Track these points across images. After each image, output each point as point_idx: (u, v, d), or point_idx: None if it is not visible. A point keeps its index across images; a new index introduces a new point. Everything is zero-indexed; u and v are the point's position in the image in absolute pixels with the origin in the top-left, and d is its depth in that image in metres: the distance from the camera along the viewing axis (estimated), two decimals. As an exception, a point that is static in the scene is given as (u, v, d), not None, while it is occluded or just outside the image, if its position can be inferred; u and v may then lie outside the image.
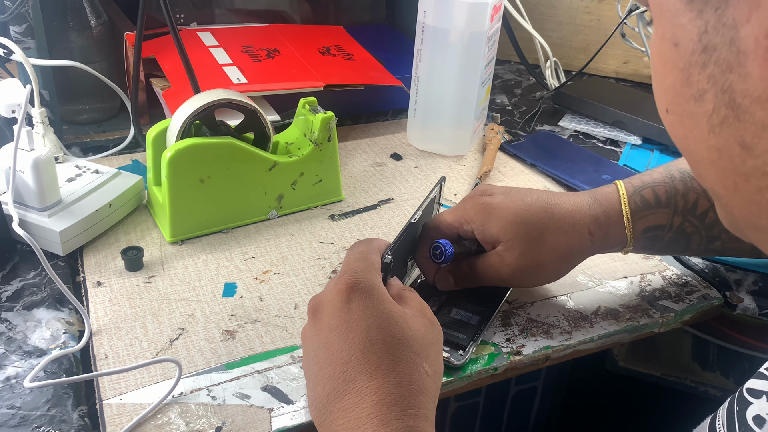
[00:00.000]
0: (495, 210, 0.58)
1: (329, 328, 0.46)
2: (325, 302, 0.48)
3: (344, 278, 0.48)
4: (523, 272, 0.59)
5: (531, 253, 0.58)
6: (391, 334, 0.46)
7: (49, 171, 0.62)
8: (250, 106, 0.67)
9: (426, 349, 0.47)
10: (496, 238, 0.58)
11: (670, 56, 0.31)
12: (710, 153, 0.31)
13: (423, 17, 0.80)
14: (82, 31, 0.81)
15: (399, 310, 0.48)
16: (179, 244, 0.67)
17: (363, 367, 0.44)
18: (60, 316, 0.58)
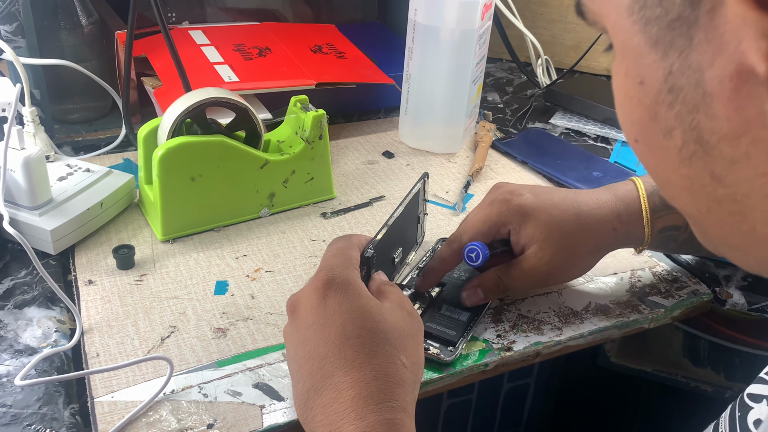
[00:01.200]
0: (531, 211, 0.59)
1: (306, 325, 0.47)
2: (302, 300, 0.48)
3: (321, 275, 0.48)
4: (558, 271, 0.60)
5: (564, 252, 0.59)
6: (366, 328, 0.46)
7: (40, 170, 0.62)
8: (241, 104, 0.67)
9: (403, 342, 0.47)
10: (531, 239, 0.59)
11: (636, 93, 0.31)
12: (683, 181, 0.32)
13: (414, 15, 0.80)
14: (73, 29, 0.81)
15: (375, 304, 0.48)
16: (171, 243, 0.67)
17: (339, 362, 0.45)
18: (51, 314, 0.58)
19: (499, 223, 0.60)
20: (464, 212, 0.76)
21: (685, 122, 0.29)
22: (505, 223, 0.59)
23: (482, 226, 0.60)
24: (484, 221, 0.60)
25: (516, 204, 0.59)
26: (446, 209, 0.76)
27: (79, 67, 0.77)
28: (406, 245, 0.64)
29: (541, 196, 0.60)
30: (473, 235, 0.59)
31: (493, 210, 0.60)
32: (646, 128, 0.32)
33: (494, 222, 0.60)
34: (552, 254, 0.59)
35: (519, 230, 0.59)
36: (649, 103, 0.30)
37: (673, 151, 0.31)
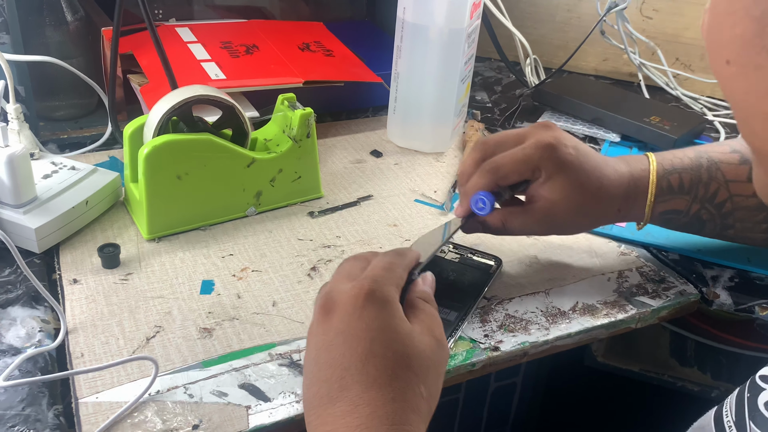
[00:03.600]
0: (567, 168, 0.59)
1: (336, 331, 0.45)
2: (338, 303, 0.46)
3: (364, 283, 0.47)
4: (557, 228, 0.63)
5: (573, 215, 0.62)
6: (393, 350, 0.45)
7: (24, 167, 0.61)
8: (227, 102, 0.67)
9: (426, 371, 0.46)
10: (553, 193, 0.60)
11: (744, 4, 0.30)
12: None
13: (402, 14, 0.80)
14: (59, 26, 0.80)
15: (407, 328, 0.47)
16: (156, 242, 0.67)
17: (360, 377, 0.44)
18: (35, 314, 0.57)
19: (536, 168, 0.60)
20: (452, 212, 0.75)
21: None
22: (541, 168, 0.60)
23: (521, 166, 0.60)
24: (525, 162, 0.60)
25: (559, 155, 0.59)
26: (434, 209, 0.76)
27: (65, 64, 0.76)
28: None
29: (581, 155, 0.60)
30: (509, 172, 0.60)
31: (536, 153, 0.59)
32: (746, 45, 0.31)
33: (534, 166, 0.60)
34: (563, 214, 0.61)
35: (547, 180, 0.60)
36: (760, 14, 0.29)
37: None
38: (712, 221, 0.64)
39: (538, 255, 0.70)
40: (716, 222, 0.64)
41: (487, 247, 0.70)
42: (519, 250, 0.70)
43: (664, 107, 0.99)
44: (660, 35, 1.08)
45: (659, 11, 1.08)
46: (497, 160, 0.61)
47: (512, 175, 0.60)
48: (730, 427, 0.48)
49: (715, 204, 0.63)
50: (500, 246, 0.70)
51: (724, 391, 0.84)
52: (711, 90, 1.09)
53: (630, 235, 0.73)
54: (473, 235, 0.71)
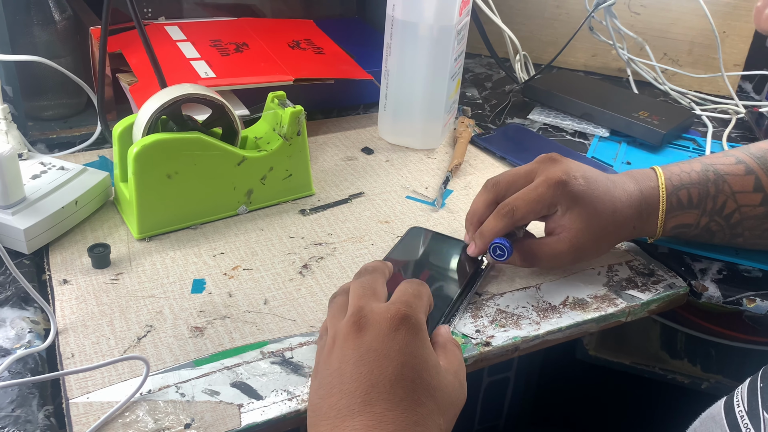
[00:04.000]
0: (581, 200, 0.61)
1: (368, 348, 0.46)
2: (373, 323, 0.47)
3: (400, 308, 0.48)
4: (581, 257, 0.65)
5: (594, 243, 0.63)
6: (421, 378, 0.46)
7: (13, 168, 0.61)
8: (217, 100, 0.67)
9: (446, 407, 0.47)
10: (571, 225, 0.62)
11: None
12: None
13: (392, 11, 0.80)
14: (46, 25, 0.80)
15: (435, 360, 0.48)
16: (147, 241, 0.66)
17: (387, 396, 0.44)
18: (25, 315, 0.57)
19: (551, 205, 0.62)
20: (443, 208, 0.76)
21: None
22: (556, 204, 0.62)
23: (536, 206, 0.61)
24: (539, 201, 0.61)
25: (571, 189, 0.61)
26: (425, 205, 0.76)
27: (53, 63, 0.76)
28: None
29: (591, 184, 0.62)
30: (525, 214, 0.61)
31: (549, 192, 0.61)
32: None
33: (548, 204, 0.61)
34: (583, 243, 0.62)
35: (564, 214, 0.62)
36: None
37: None
38: (722, 232, 0.66)
39: (528, 250, 0.70)
40: (725, 232, 0.66)
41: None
42: (510, 245, 0.70)
43: (653, 102, 1.00)
44: (648, 30, 1.09)
45: (647, 7, 1.08)
46: (512, 203, 0.62)
47: (529, 216, 0.62)
48: (742, 417, 0.49)
49: (724, 216, 0.65)
50: (491, 242, 0.71)
51: (713, 383, 0.85)
52: (698, 85, 1.09)
53: (620, 229, 0.74)
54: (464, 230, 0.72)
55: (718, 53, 1.02)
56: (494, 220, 0.62)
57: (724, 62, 1.04)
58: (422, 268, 0.64)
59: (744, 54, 1.07)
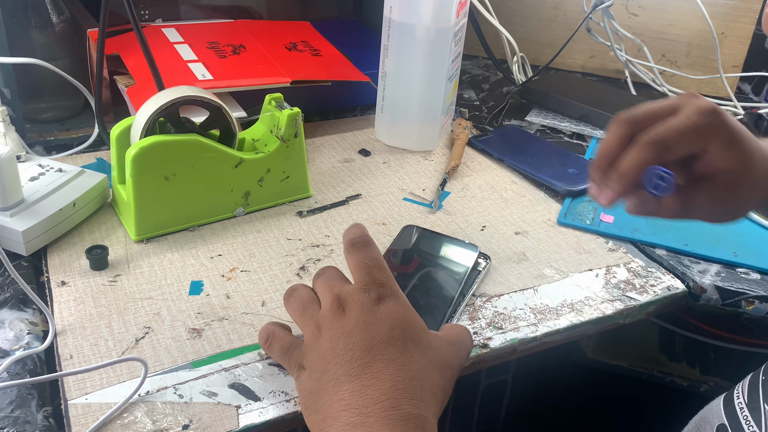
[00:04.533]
0: (740, 133, 0.51)
1: (355, 322, 0.47)
2: (351, 301, 0.48)
3: (370, 279, 0.49)
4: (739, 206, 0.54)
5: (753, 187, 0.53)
6: (410, 338, 0.48)
7: (11, 170, 0.61)
8: (214, 102, 0.67)
9: (441, 367, 0.48)
10: (734, 165, 0.51)
11: None
12: None
13: (389, 12, 0.80)
14: (44, 27, 0.80)
15: (421, 322, 0.50)
16: (145, 243, 0.66)
17: (382, 356, 0.46)
18: (24, 316, 0.57)
19: (707, 137, 0.50)
20: (441, 210, 0.76)
21: None
22: (712, 137, 0.50)
23: (691, 137, 0.50)
24: (696, 131, 0.49)
25: (728, 121, 0.50)
26: (422, 207, 0.76)
27: (51, 66, 0.76)
28: None
29: (740, 126, 0.52)
30: (677, 143, 0.49)
31: (705, 120, 0.50)
32: None
33: (704, 134, 0.50)
34: (746, 186, 0.52)
35: (720, 152, 0.50)
36: None
37: None
38: None
39: (526, 252, 0.70)
40: None
41: (476, 244, 0.70)
42: (508, 247, 0.71)
43: (651, 104, 1.00)
44: (646, 32, 1.09)
45: (645, 8, 1.08)
46: (661, 132, 0.49)
47: (680, 147, 0.50)
48: (742, 409, 0.49)
49: None
50: (488, 243, 0.71)
51: (713, 386, 0.85)
52: (697, 86, 1.09)
53: (617, 231, 0.74)
54: (462, 232, 0.71)
55: (717, 54, 1.03)
56: (637, 153, 0.49)
57: (722, 63, 1.04)
58: (418, 267, 0.63)
59: (743, 55, 1.07)
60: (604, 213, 0.77)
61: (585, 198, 0.80)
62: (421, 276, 0.62)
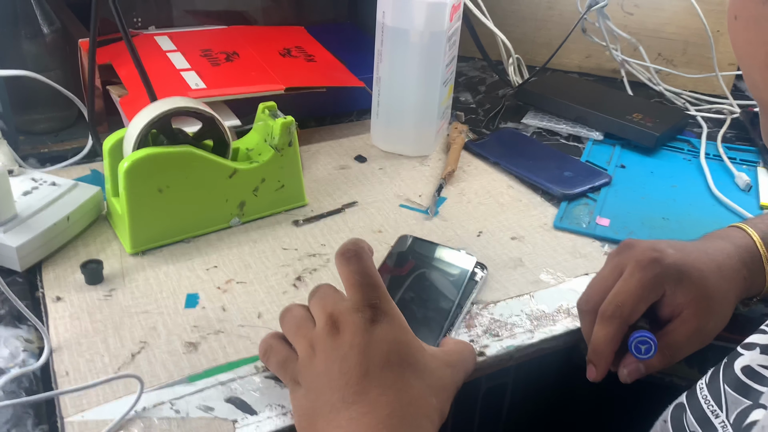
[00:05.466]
0: (684, 270, 0.55)
1: (350, 345, 0.47)
2: (347, 322, 0.48)
3: (362, 300, 0.48)
4: (715, 328, 0.57)
5: (717, 307, 0.56)
6: (407, 361, 0.47)
7: (3, 186, 0.61)
8: (207, 113, 0.66)
9: (438, 389, 0.48)
10: (687, 300, 0.55)
11: None
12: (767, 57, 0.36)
13: (382, 18, 0.80)
14: (35, 38, 0.80)
15: (418, 344, 0.49)
16: (140, 256, 0.66)
17: (379, 381, 0.45)
18: (19, 333, 0.57)
19: (658, 287, 0.55)
20: (437, 216, 0.75)
21: None
22: (662, 284, 0.55)
23: (641, 292, 0.54)
24: (643, 286, 0.54)
25: (670, 263, 0.55)
26: (419, 213, 0.76)
27: (42, 78, 0.75)
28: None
29: (683, 251, 0.57)
30: (634, 306, 0.54)
31: (647, 273, 0.54)
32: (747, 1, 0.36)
33: (653, 286, 0.54)
34: (709, 311, 0.56)
35: (675, 292, 0.55)
36: None
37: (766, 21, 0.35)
38: None
39: (522, 257, 0.70)
40: None
41: (473, 250, 0.70)
42: (504, 253, 0.70)
43: (647, 104, 1.00)
44: (642, 30, 1.09)
45: (640, 6, 1.08)
46: (614, 300, 0.55)
47: (639, 307, 0.55)
48: (702, 389, 0.49)
49: None
50: (485, 249, 0.71)
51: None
52: (693, 85, 1.09)
53: (613, 234, 0.74)
54: (458, 238, 0.71)
55: (712, 53, 1.02)
56: (602, 328, 0.55)
57: (718, 62, 1.03)
58: (415, 279, 0.63)
59: (737, 53, 1.06)
60: (599, 216, 0.76)
61: (581, 201, 0.80)
62: (418, 288, 0.62)
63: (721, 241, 0.61)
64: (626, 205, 0.79)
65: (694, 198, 0.82)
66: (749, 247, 0.60)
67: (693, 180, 0.86)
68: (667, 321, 0.56)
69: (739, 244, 0.61)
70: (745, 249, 0.60)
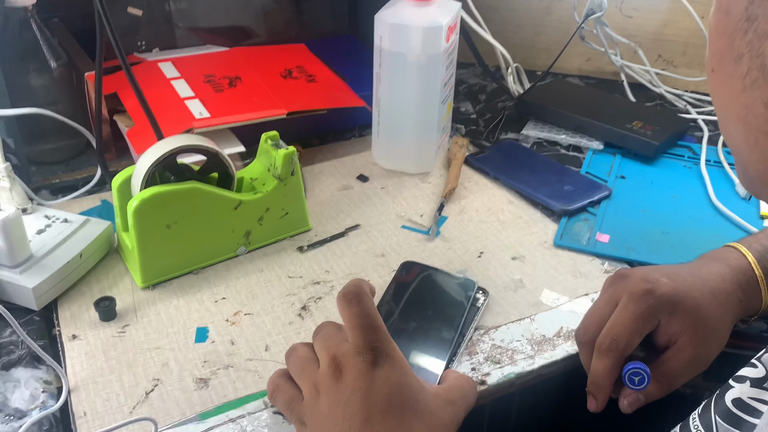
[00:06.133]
0: (677, 299, 0.57)
1: (353, 389, 0.48)
2: (349, 365, 0.49)
3: (365, 343, 0.50)
4: (711, 354, 0.59)
5: (713, 333, 0.58)
6: (409, 404, 0.49)
7: (18, 229, 0.63)
8: (211, 149, 0.68)
9: (438, 429, 0.50)
10: (683, 329, 0.57)
11: (721, 23, 0.38)
12: (740, 110, 0.38)
13: (380, 42, 0.81)
14: (43, 72, 0.82)
15: (419, 384, 0.51)
16: (151, 289, 0.68)
17: (381, 426, 0.47)
18: (38, 374, 0.59)
19: (652, 318, 0.57)
20: (438, 237, 0.77)
21: (753, 49, 0.36)
22: (656, 315, 0.57)
23: (636, 324, 0.56)
24: (637, 319, 0.56)
25: (663, 294, 0.57)
26: (420, 234, 0.78)
27: (51, 113, 0.77)
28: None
29: (675, 279, 0.58)
30: (629, 338, 0.56)
31: (641, 305, 0.57)
32: (722, 57, 0.38)
33: (647, 318, 0.57)
34: (705, 339, 0.57)
35: (669, 321, 0.57)
36: (730, 32, 0.37)
37: (738, 78, 0.37)
38: None
39: (523, 278, 0.71)
40: None
41: (474, 273, 0.71)
42: (505, 274, 0.72)
43: (647, 110, 1.00)
44: (641, 33, 1.09)
45: (639, 9, 1.08)
46: (609, 333, 0.57)
47: (634, 339, 0.57)
48: (694, 419, 0.51)
49: None
50: (486, 271, 0.72)
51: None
52: (694, 86, 1.09)
53: (613, 251, 0.75)
54: (460, 259, 0.73)
55: (711, 55, 1.02)
56: (600, 361, 0.57)
57: (717, 63, 1.03)
58: (417, 308, 0.65)
59: (737, 53, 1.06)
60: (599, 232, 0.78)
61: (581, 217, 0.81)
62: (421, 318, 0.64)
63: (716, 263, 0.62)
64: (626, 219, 0.80)
65: (694, 209, 0.83)
66: (744, 268, 0.62)
67: (693, 189, 0.87)
68: (663, 349, 0.58)
69: (734, 266, 0.62)
70: (739, 270, 0.61)
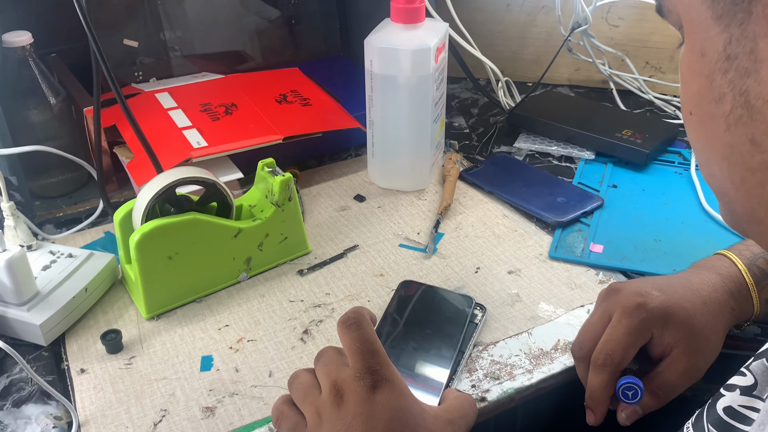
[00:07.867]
0: (669, 311, 0.58)
1: (354, 414, 0.49)
2: (349, 391, 0.50)
3: (364, 367, 0.50)
4: (706, 363, 0.60)
5: (705, 343, 0.59)
6: (409, 428, 0.50)
7: (23, 268, 0.65)
8: (209, 180, 0.70)
9: None
10: (676, 340, 0.58)
11: (697, 65, 0.37)
12: (724, 149, 0.37)
13: (370, 66, 0.83)
14: (43, 109, 0.83)
15: (419, 407, 0.52)
16: (156, 320, 0.70)
17: None
18: (48, 410, 0.61)
19: (645, 331, 0.58)
20: (435, 254, 0.79)
21: (736, 87, 0.35)
22: (649, 328, 0.58)
23: (629, 339, 0.58)
24: (630, 333, 0.58)
25: (654, 307, 0.58)
26: (418, 252, 0.79)
27: (53, 150, 0.79)
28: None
29: (667, 291, 0.60)
30: (624, 353, 0.58)
31: (633, 319, 0.58)
32: (701, 98, 0.37)
33: (640, 331, 0.58)
34: (698, 349, 0.59)
35: (662, 334, 0.58)
36: (708, 73, 0.36)
37: (721, 118, 0.36)
38: None
39: (519, 292, 0.73)
40: None
41: (471, 288, 0.73)
42: (501, 288, 0.73)
43: (637, 117, 1.02)
44: (628, 42, 1.11)
45: (625, 19, 1.10)
46: (603, 348, 0.58)
47: (628, 353, 0.58)
48: (688, 428, 0.52)
49: None
50: (483, 286, 0.74)
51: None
52: (683, 90, 1.11)
53: (607, 261, 0.76)
54: (457, 276, 0.74)
55: (698, 60, 1.04)
56: (596, 376, 0.59)
57: (704, 68, 1.05)
58: (417, 327, 0.66)
59: (725, 57, 1.08)
60: (593, 242, 0.79)
61: (574, 228, 0.82)
62: (420, 337, 0.65)
63: (707, 272, 0.63)
64: (619, 228, 0.82)
65: (686, 215, 0.84)
66: (735, 276, 0.63)
67: (685, 195, 0.88)
68: (658, 360, 0.60)
69: (724, 275, 0.63)
70: (730, 279, 0.63)
